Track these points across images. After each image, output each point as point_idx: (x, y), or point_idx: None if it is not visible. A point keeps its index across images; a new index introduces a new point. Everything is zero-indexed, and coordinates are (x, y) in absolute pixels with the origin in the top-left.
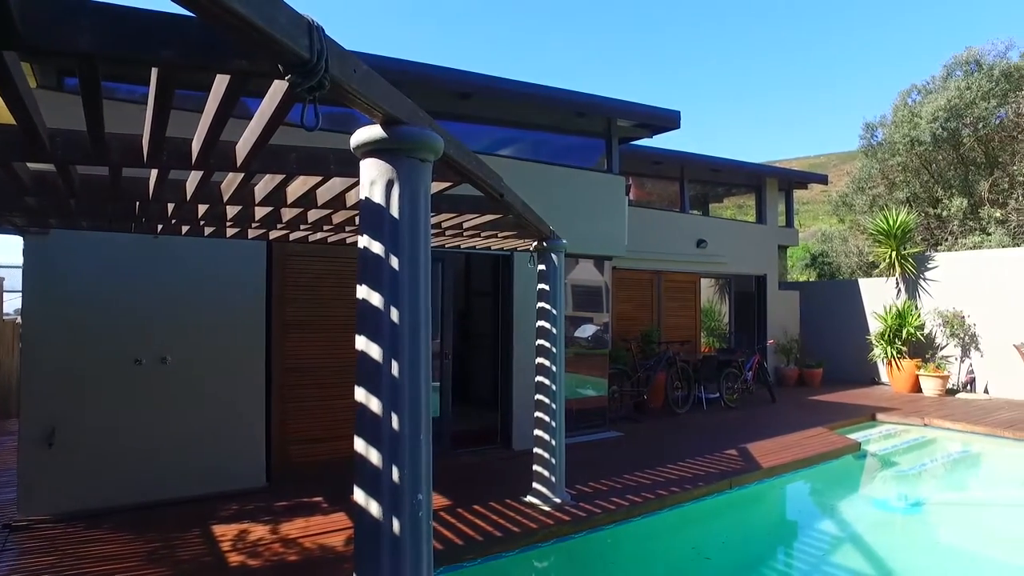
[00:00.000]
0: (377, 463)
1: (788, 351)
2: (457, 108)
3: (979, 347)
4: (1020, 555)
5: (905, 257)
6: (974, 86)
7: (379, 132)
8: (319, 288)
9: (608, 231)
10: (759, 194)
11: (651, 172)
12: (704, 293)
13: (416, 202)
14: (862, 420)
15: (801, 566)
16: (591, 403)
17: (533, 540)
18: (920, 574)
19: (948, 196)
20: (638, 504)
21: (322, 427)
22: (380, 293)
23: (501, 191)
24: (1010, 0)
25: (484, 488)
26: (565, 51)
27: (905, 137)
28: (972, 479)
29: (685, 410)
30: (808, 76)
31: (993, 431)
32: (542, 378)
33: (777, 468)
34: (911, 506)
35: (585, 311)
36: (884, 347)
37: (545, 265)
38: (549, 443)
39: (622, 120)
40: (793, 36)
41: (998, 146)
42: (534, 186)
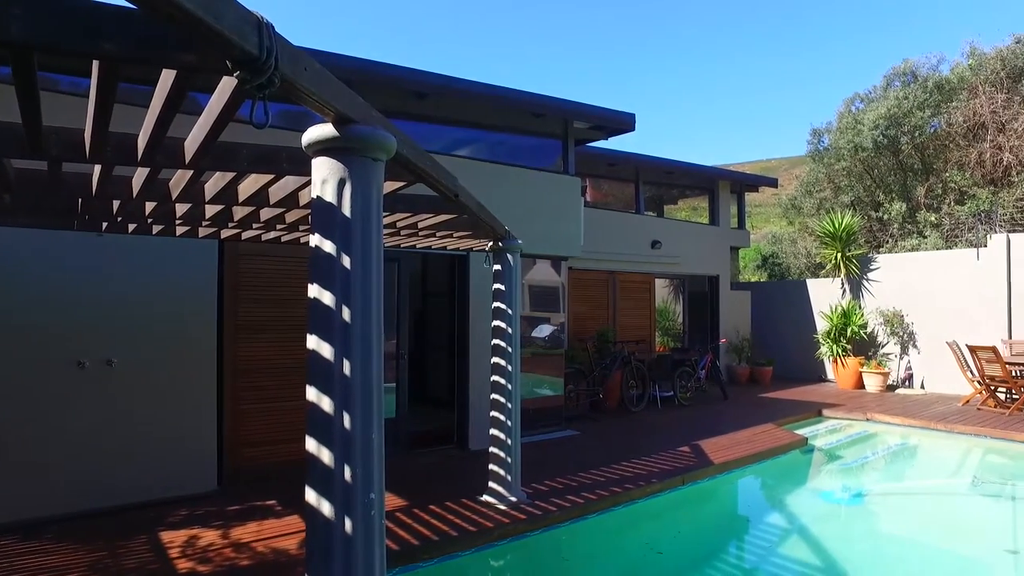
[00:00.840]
0: (329, 462)
1: (740, 350)
2: (414, 108)
3: (916, 345)
4: (951, 540)
5: (849, 259)
6: (911, 96)
7: (331, 131)
8: (274, 288)
9: (564, 232)
10: (712, 196)
11: (607, 174)
12: (659, 293)
13: (368, 201)
14: (809, 416)
15: (751, 558)
16: (548, 402)
17: (489, 539)
18: (861, 562)
19: (888, 200)
20: (593, 502)
21: (277, 429)
22: (331, 292)
23: (456, 191)
24: (942, 15)
25: (440, 488)
26: (517, 55)
27: (849, 143)
28: (909, 470)
29: (640, 408)
30: (760, 82)
31: (928, 424)
32: (498, 377)
33: (728, 464)
34: (854, 497)
35: (542, 311)
36: (830, 345)
37: (500, 265)
38: (505, 442)
39: (578, 122)
40: (745, 43)
41: (933, 154)
42: (491, 186)
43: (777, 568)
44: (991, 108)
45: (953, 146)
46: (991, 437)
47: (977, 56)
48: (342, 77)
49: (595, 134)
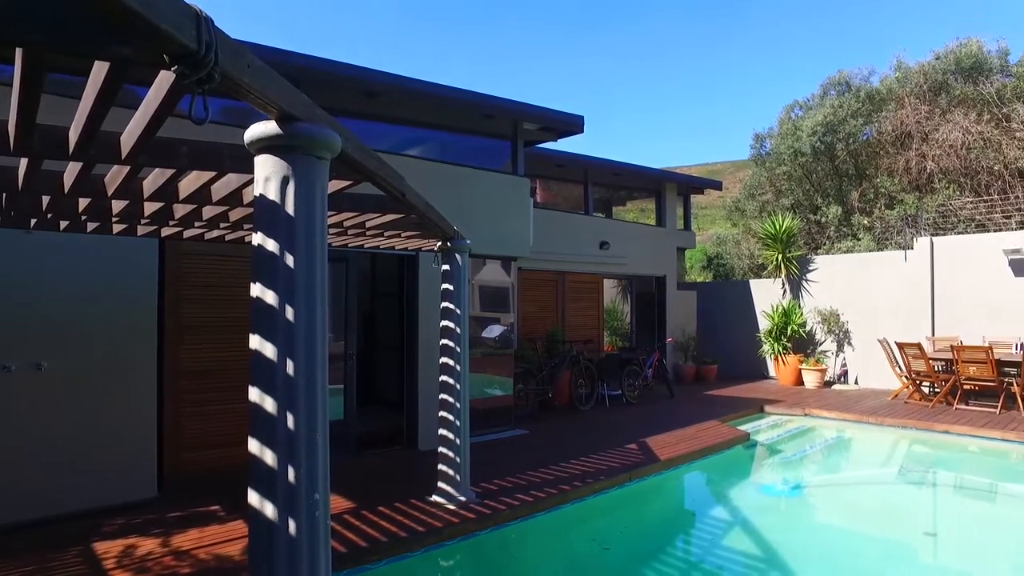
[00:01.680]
0: (272, 463)
1: (686, 349)
2: (363, 107)
3: (851, 342)
4: (879, 526)
5: (790, 260)
6: (845, 105)
7: (274, 128)
8: (219, 288)
9: (513, 232)
10: (659, 198)
11: (556, 175)
12: (607, 293)
13: (312, 200)
14: (751, 412)
15: (696, 551)
16: (497, 402)
17: (438, 539)
18: (799, 550)
19: (826, 204)
20: (542, 499)
21: (223, 432)
22: (275, 291)
23: (403, 190)
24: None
25: (389, 489)
26: (469, 58)
27: (789, 148)
28: (844, 462)
29: (589, 407)
30: (707, 87)
31: (861, 418)
32: (446, 378)
33: (674, 460)
34: (793, 489)
35: (492, 311)
36: (772, 344)
37: (449, 265)
38: (454, 442)
39: (527, 123)
40: (692, 49)
41: (865, 160)
42: (440, 186)
43: (721, 560)
44: (916, 119)
45: (883, 153)
46: (916, 428)
47: (903, 69)
48: (290, 74)
49: (544, 135)
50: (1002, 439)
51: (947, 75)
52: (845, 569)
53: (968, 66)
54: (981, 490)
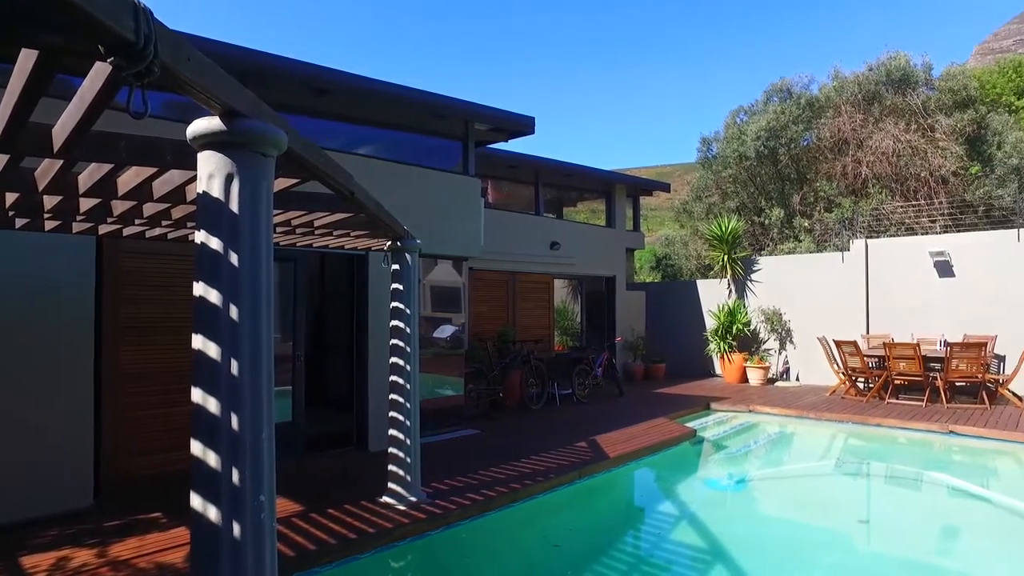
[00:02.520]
0: (215, 465)
1: (635, 348)
2: (312, 103)
3: (793, 340)
4: (817, 516)
5: (735, 260)
6: (787, 111)
7: (217, 124)
8: (162, 288)
9: (464, 232)
10: (609, 199)
11: (508, 175)
12: (558, 293)
13: (257, 198)
14: (698, 410)
15: (644, 545)
16: (448, 402)
17: (389, 540)
18: (743, 542)
19: (769, 206)
20: (493, 498)
21: (166, 436)
22: (218, 290)
23: (351, 189)
24: (813, 39)
25: (339, 491)
26: (419, 59)
27: (735, 152)
28: (785, 455)
29: (539, 406)
30: (658, 92)
31: (802, 413)
32: (396, 378)
33: (623, 457)
34: (738, 483)
35: (443, 311)
36: (718, 342)
37: (399, 265)
38: (404, 442)
39: (478, 123)
40: (644, 54)
41: (806, 165)
42: (391, 186)
43: (669, 553)
44: (852, 126)
45: (822, 159)
46: (852, 422)
47: (840, 79)
48: (236, 69)
49: (496, 136)
50: (926, 430)
51: (879, 86)
52: (785, 557)
53: (897, 78)
54: (908, 479)
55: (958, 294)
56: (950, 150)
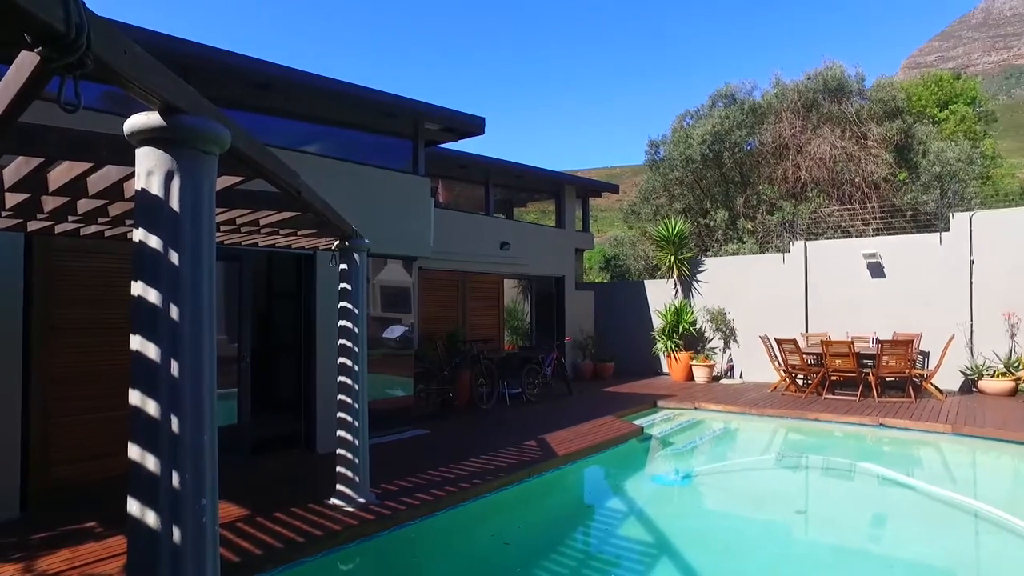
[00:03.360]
0: (154, 469)
1: (584, 347)
2: (257, 100)
3: (736, 339)
4: (757, 508)
5: (681, 261)
6: (731, 116)
7: (157, 120)
8: (99, 288)
9: (414, 232)
10: (559, 200)
11: (458, 175)
12: (508, 293)
13: (199, 196)
14: (646, 407)
15: (593, 542)
16: (398, 402)
17: (337, 542)
18: (688, 535)
19: (714, 209)
20: (442, 498)
21: (102, 442)
22: (158, 290)
23: (298, 188)
24: (756, 47)
25: (286, 494)
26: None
27: (681, 155)
28: (729, 451)
29: (489, 406)
30: (609, 95)
31: (744, 409)
32: (344, 378)
33: (572, 455)
34: (684, 479)
35: (393, 312)
36: (665, 341)
37: (347, 264)
38: (353, 443)
39: (428, 123)
40: (596, 58)
41: (749, 168)
42: (339, 185)
43: (617, 549)
44: (792, 132)
45: (764, 163)
46: (791, 417)
47: (780, 87)
48: (177, 63)
49: (446, 136)
50: (859, 423)
51: (817, 94)
52: (728, 549)
53: (833, 87)
54: (842, 470)
55: (888, 294)
56: (881, 157)
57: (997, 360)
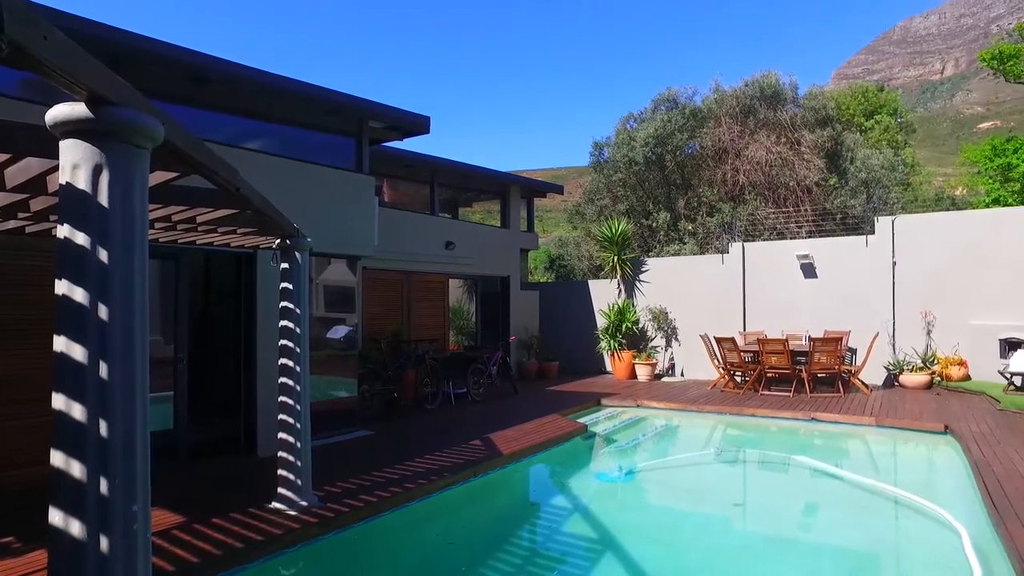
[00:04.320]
0: (80, 476)
1: (529, 346)
2: (195, 94)
3: (678, 338)
4: (697, 502)
5: (624, 261)
6: (673, 120)
7: (83, 111)
8: (19, 287)
9: (358, 231)
10: (504, 200)
11: (403, 174)
12: (453, 293)
13: (130, 191)
14: (590, 406)
15: (538, 539)
16: (342, 403)
17: (279, 547)
18: (631, 529)
19: (656, 210)
20: (387, 499)
21: (22, 450)
22: (84, 288)
23: (237, 185)
24: (697, 53)
25: (224, 499)
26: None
27: (625, 157)
28: (671, 446)
29: (435, 406)
30: (556, 97)
31: (685, 406)
32: (286, 379)
33: (517, 454)
34: (627, 475)
35: (336, 312)
36: (609, 340)
37: (289, 263)
38: (295, 446)
39: (373, 121)
40: (542, 59)
41: (690, 171)
42: (281, 182)
43: (562, 545)
44: (730, 137)
45: (704, 166)
46: (729, 413)
47: (720, 92)
48: (107, 52)
49: (391, 134)
50: (792, 418)
51: (754, 100)
52: (669, 542)
53: (769, 95)
54: (777, 463)
55: (820, 294)
56: (813, 163)
57: (916, 356)
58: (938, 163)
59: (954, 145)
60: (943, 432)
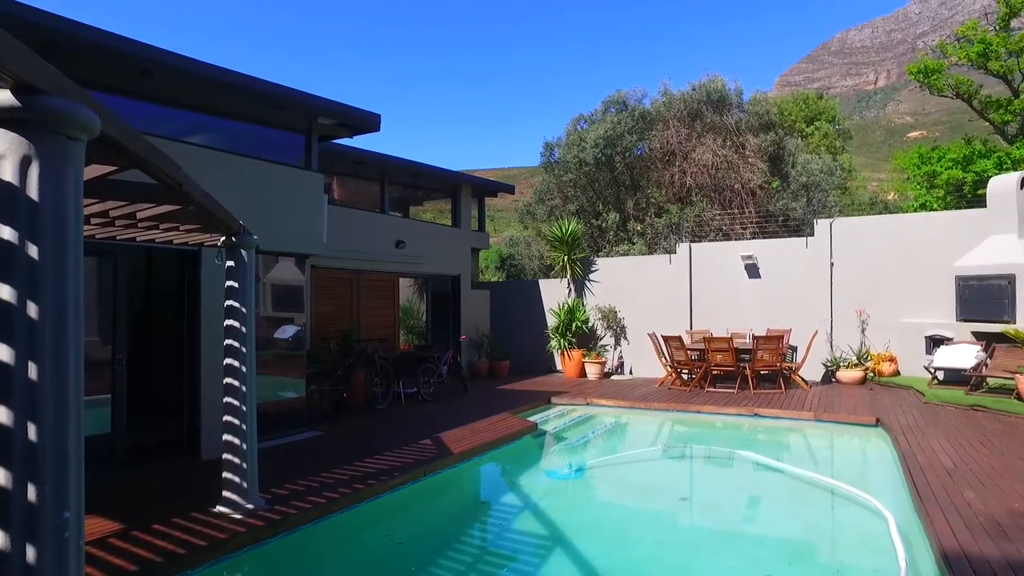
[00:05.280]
0: (5, 482)
1: (480, 346)
2: (138, 85)
3: (627, 336)
4: (645, 497)
5: (575, 261)
6: (622, 122)
7: (9, 99)
8: None
9: (306, 229)
10: (455, 200)
11: (354, 172)
12: (403, 292)
13: (63, 185)
14: (540, 404)
15: (490, 537)
16: (289, 404)
17: (224, 552)
18: (581, 526)
19: (606, 210)
20: (335, 500)
21: None
22: (12, 286)
23: (179, 180)
24: (646, 57)
25: (167, 504)
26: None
27: (575, 158)
28: (619, 443)
29: (385, 406)
30: (508, 97)
31: (634, 404)
32: (232, 380)
33: (467, 452)
34: (576, 472)
35: (284, 311)
36: (559, 339)
37: (235, 261)
38: (240, 448)
39: (322, 117)
40: (497, 59)
41: (639, 172)
42: (227, 178)
43: (512, 542)
44: (678, 139)
45: (653, 168)
46: (676, 410)
47: (668, 96)
48: (42, 38)
49: (340, 131)
50: (736, 414)
51: (700, 104)
52: (617, 537)
53: (716, 99)
54: (722, 458)
55: (763, 293)
56: (757, 166)
57: (851, 353)
58: (872, 169)
59: (887, 152)
60: (875, 425)
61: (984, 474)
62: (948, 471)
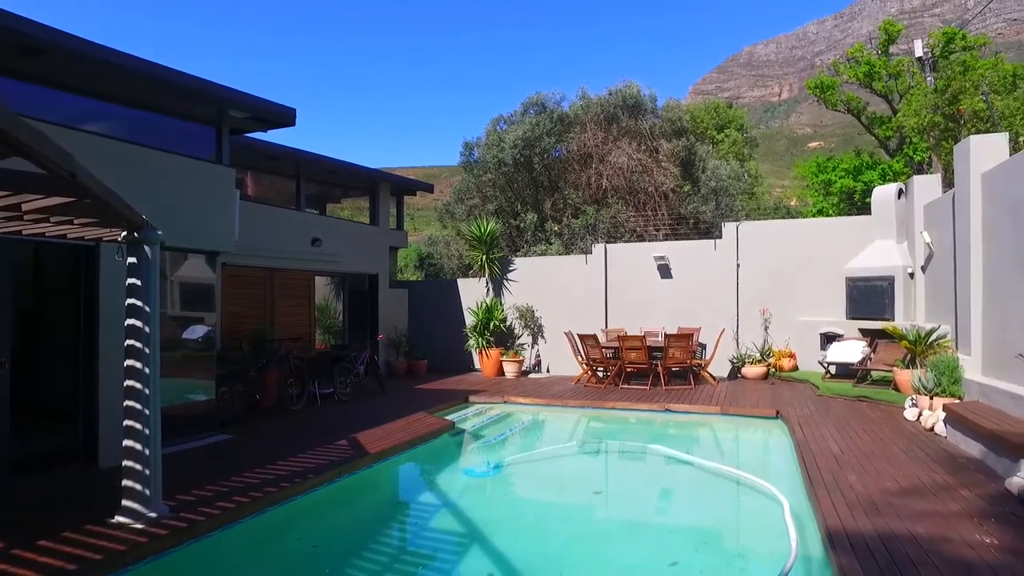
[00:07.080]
0: None
1: (398, 345)
2: (24, 66)
3: (544, 335)
4: (561, 492)
5: (493, 260)
6: (541, 124)
7: None
8: None
9: (216, 225)
10: (373, 198)
11: (268, 168)
12: (319, 291)
13: None
14: (458, 403)
15: (408, 536)
16: (198, 407)
17: (122, 564)
18: (498, 522)
19: (524, 211)
20: (245, 504)
21: None
22: None
23: (72, 171)
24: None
25: (56, 517)
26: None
27: (494, 158)
28: (536, 440)
29: (299, 407)
30: (429, 95)
31: (550, 402)
32: (133, 382)
33: (384, 452)
34: (494, 469)
35: (193, 310)
36: (477, 338)
37: (137, 258)
38: (143, 453)
39: (234, 110)
40: (415, 57)
41: (557, 174)
42: (130, 170)
43: (430, 541)
44: (595, 142)
45: (570, 169)
46: (591, 407)
47: (586, 99)
48: None
49: (254, 125)
50: (649, 410)
51: (617, 109)
52: (535, 532)
53: (631, 104)
54: (635, 452)
55: (675, 293)
56: (669, 170)
57: (755, 349)
58: (777, 176)
59: (789, 160)
60: (775, 417)
61: (865, 458)
62: (835, 457)
